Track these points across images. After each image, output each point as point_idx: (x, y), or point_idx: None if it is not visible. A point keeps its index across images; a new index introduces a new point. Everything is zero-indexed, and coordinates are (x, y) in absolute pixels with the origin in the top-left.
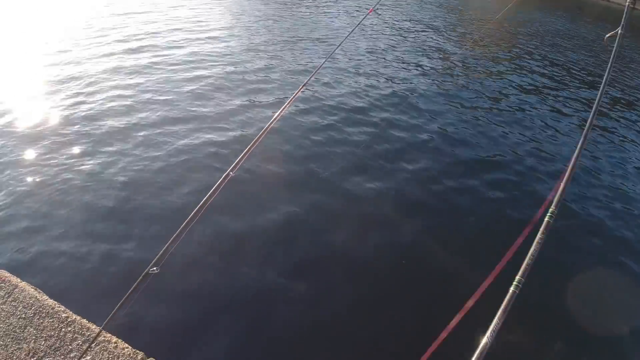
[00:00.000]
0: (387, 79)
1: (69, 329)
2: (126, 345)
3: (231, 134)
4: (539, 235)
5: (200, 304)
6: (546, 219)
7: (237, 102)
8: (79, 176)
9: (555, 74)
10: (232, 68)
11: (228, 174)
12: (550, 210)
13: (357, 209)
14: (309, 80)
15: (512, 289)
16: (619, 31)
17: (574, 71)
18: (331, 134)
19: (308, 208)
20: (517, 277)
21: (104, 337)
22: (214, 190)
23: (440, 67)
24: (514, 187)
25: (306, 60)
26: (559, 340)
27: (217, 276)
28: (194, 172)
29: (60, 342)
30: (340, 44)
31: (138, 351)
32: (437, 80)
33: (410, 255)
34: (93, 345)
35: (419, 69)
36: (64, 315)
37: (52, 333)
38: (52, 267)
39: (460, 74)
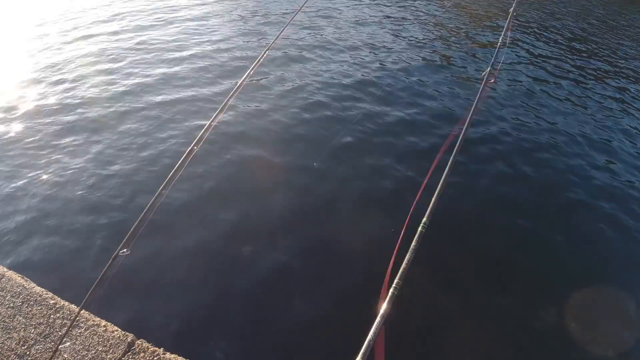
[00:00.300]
0: (378, 51)
1: (58, 315)
2: (115, 328)
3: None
4: (412, 244)
5: (182, 285)
6: (419, 229)
7: (226, 81)
8: (59, 162)
9: (552, 42)
10: (218, 46)
11: (192, 149)
12: (423, 221)
13: (350, 189)
14: (265, 52)
15: (391, 290)
16: (488, 69)
17: (573, 41)
18: (321, 111)
19: (296, 188)
20: (396, 280)
21: (93, 321)
22: (178, 166)
23: (434, 36)
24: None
25: (295, 36)
26: (547, 306)
27: (199, 257)
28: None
29: (49, 329)
30: (295, 14)
31: (127, 333)
32: (431, 51)
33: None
34: (82, 330)
35: (412, 39)
36: (52, 301)
37: (41, 320)
38: (35, 254)
39: (456, 43)
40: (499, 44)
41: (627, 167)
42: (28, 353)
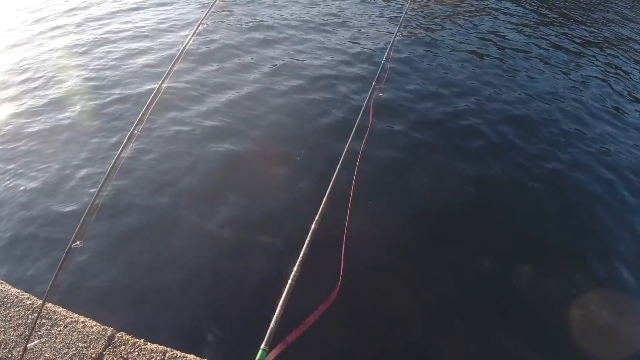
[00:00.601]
0: (349, 27)
1: (36, 315)
2: (94, 322)
3: (201, 105)
4: (307, 240)
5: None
6: (313, 226)
7: (201, 68)
8: (18, 160)
9: (527, 6)
10: (189, 31)
11: (132, 133)
12: (316, 219)
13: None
14: (196, 29)
15: (289, 281)
16: (373, 84)
17: (546, 4)
18: (302, 96)
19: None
20: (293, 272)
21: (72, 318)
22: (120, 151)
23: (414, 10)
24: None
25: (258, 18)
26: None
27: (163, 240)
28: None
29: (29, 330)
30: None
31: (107, 327)
32: (414, 28)
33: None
34: (61, 327)
35: (390, 12)
36: (28, 302)
37: (20, 322)
38: (5, 254)
39: (440, 14)
40: (389, 48)
41: (601, 133)
42: (10, 356)
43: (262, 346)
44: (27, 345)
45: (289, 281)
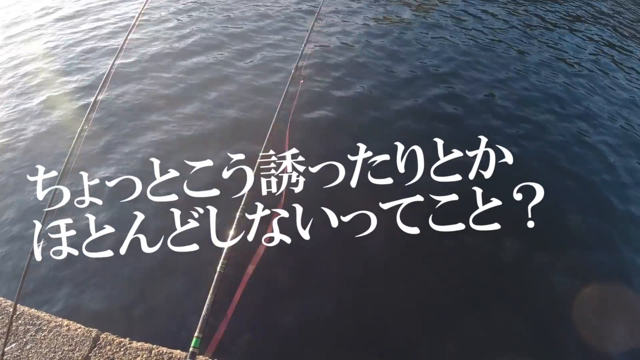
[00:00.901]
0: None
1: (20, 321)
2: (78, 325)
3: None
4: (232, 228)
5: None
6: (238, 213)
7: (180, 63)
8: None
9: None
10: (163, 26)
11: (83, 128)
12: (241, 207)
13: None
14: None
15: (218, 269)
16: (292, 71)
17: None
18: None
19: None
20: (221, 260)
21: (55, 322)
22: (72, 150)
23: None
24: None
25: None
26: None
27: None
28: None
29: (14, 337)
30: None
31: (91, 328)
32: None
33: None
34: (46, 332)
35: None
36: (10, 309)
37: (4, 330)
38: None
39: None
40: (304, 42)
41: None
42: None
43: (196, 333)
44: (5, 349)
45: (218, 269)
